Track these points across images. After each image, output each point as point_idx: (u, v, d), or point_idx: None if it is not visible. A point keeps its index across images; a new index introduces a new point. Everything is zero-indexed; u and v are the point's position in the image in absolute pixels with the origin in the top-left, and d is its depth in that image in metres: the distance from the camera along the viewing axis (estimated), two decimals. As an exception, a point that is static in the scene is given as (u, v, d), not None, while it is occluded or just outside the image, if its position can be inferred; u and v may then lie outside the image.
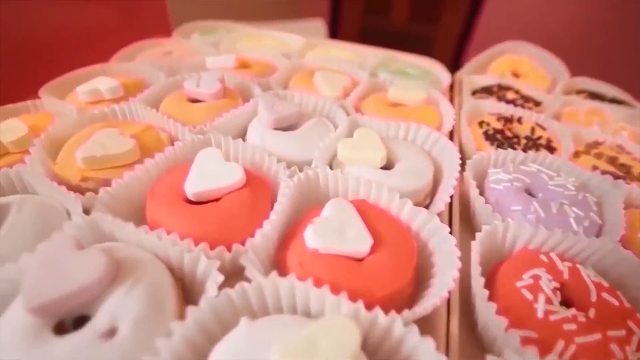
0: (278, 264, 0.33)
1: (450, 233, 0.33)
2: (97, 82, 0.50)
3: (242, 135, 0.48)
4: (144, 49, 0.70)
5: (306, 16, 2.45)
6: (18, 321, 0.25)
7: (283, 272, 0.31)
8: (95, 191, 0.36)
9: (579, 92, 0.68)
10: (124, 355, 0.24)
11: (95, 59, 0.70)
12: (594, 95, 0.65)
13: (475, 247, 0.33)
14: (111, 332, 0.25)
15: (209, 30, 0.82)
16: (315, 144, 0.43)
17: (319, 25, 1.90)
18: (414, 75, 0.66)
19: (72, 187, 0.37)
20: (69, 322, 0.27)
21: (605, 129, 0.55)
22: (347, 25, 2.59)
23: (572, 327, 0.27)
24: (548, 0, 2.00)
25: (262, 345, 0.24)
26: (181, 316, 0.28)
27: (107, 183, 0.37)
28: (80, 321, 0.26)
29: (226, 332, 0.27)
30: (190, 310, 0.25)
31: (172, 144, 0.43)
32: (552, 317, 0.28)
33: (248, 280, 0.28)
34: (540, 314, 0.28)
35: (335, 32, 2.53)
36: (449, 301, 0.33)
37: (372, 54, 0.74)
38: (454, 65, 0.74)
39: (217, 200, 0.35)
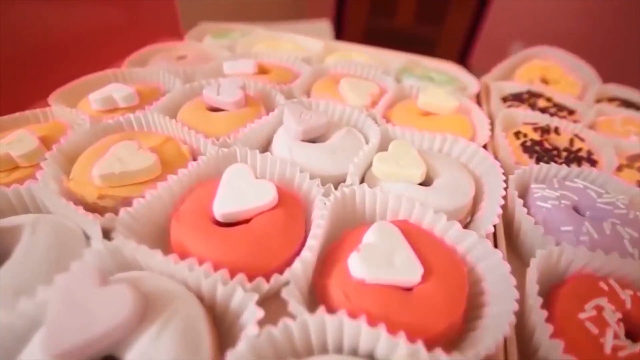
0: (318, 291, 0.30)
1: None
2: (111, 90, 0.48)
3: (267, 146, 0.46)
4: (156, 52, 0.67)
5: (312, 17, 2.43)
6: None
7: (325, 302, 0.29)
8: (114, 210, 0.34)
9: (611, 99, 0.65)
10: (158, 408, 0.21)
11: (105, 62, 0.67)
12: (628, 103, 0.62)
13: (532, 275, 0.30)
14: (143, 379, 0.22)
15: (222, 33, 0.80)
16: (347, 157, 0.41)
17: (325, 26, 1.87)
18: (439, 82, 0.63)
19: (88, 205, 0.35)
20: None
21: (644, 139, 0.52)
22: (352, 26, 2.57)
23: (645, 366, 0.25)
24: (554, 1, 1.98)
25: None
26: (215, 352, 0.25)
27: (125, 201, 0.35)
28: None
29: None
30: (231, 353, 0.23)
31: (194, 158, 0.41)
32: (620, 354, 0.26)
33: (280, 305, 0.25)
34: (607, 350, 0.26)
35: (340, 32, 2.51)
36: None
37: (393, 59, 0.71)
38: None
39: (247, 221, 0.32)
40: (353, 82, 0.54)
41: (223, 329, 0.28)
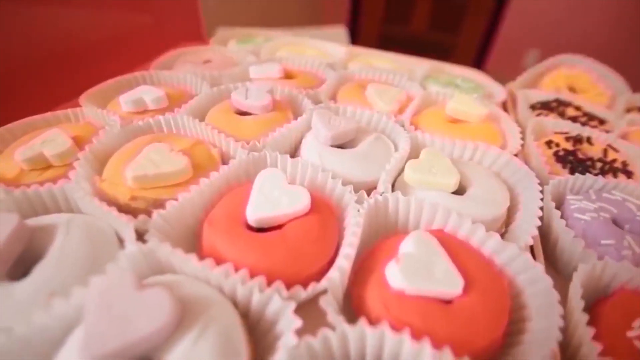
0: (354, 301, 0.29)
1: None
2: (141, 92, 0.48)
3: (294, 151, 0.45)
4: (182, 56, 0.67)
5: (327, 23, 2.44)
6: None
7: (362, 312, 0.28)
8: (145, 212, 0.34)
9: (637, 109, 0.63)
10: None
11: (129, 65, 0.68)
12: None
13: (576, 290, 0.29)
14: (182, 387, 0.21)
15: (246, 38, 0.80)
16: (377, 163, 0.40)
17: (341, 32, 1.87)
18: (465, 89, 0.62)
19: (120, 206, 0.34)
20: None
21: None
22: (366, 33, 2.57)
23: None
24: (571, 8, 1.95)
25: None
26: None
27: (156, 203, 0.35)
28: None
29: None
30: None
31: (223, 161, 0.40)
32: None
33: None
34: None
35: (355, 39, 2.52)
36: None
37: (416, 64, 0.70)
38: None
39: (279, 227, 0.32)
40: (380, 88, 0.54)
41: (256, 337, 0.28)
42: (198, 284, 0.27)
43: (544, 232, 0.39)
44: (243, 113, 0.47)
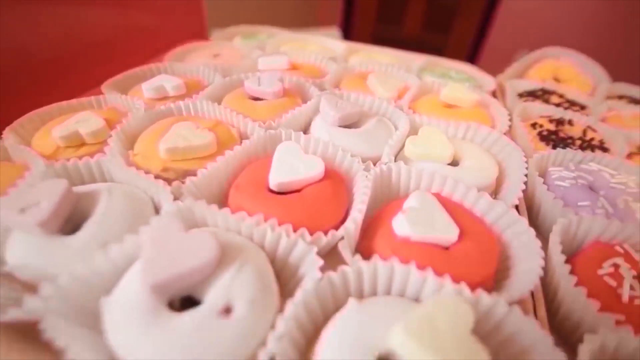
0: (364, 254, 0.34)
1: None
2: (161, 80, 0.52)
3: (305, 132, 0.50)
4: (192, 50, 0.72)
5: (321, 24, 2.49)
6: (134, 299, 0.26)
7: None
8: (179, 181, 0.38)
9: (620, 97, 0.69)
10: (243, 331, 0.24)
11: (135, 62, 0.72)
12: (636, 101, 0.66)
13: (555, 237, 0.34)
14: (227, 311, 0.25)
15: (250, 34, 0.84)
16: (380, 141, 0.45)
17: (334, 34, 1.93)
18: (458, 79, 0.67)
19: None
20: (176, 303, 0.28)
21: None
22: (359, 34, 2.62)
23: (657, 310, 0.28)
24: (560, 9, 2.01)
25: (375, 324, 0.25)
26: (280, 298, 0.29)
27: (185, 173, 0.39)
28: (185, 303, 0.27)
29: (326, 314, 0.28)
30: (299, 290, 0.26)
31: (241, 139, 0.45)
32: (637, 302, 0.29)
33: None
34: (625, 299, 0.29)
35: (348, 40, 2.57)
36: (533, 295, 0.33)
37: (413, 58, 0.75)
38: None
39: (298, 191, 0.36)
40: (381, 77, 0.58)
41: (281, 284, 0.32)
42: (231, 234, 0.31)
43: (529, 201, 0.44)
44: (255, 99, 0.52)
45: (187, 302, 0.27)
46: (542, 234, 0.42)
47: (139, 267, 0.27)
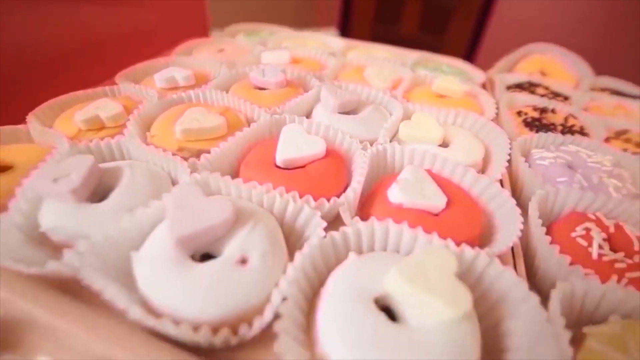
0: (360, 218, 0.37)
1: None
2: (172, 71, 0.56)
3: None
4: (198, 46, 0.75)
5: (319, 24, 2.54)
6: (161, 252, 0.29)
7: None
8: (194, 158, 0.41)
9: (603, 90, 0.73)
10: (257, 278, 0.28)
11: (144, 57, 0.76)
12: (618, 93, 0.71)
13: (533, 205, 0.37)
14: (243, 261, 0.29)
15: (252, 32, 0.88)
16: (376, 126, 0.48)
17: (332, 34, 1.97)
18: (449, 73, 0.71)
19: (168, 157, 0.42)
20: (197, 259, 0.31)
21: (631, 121, 0.60)
22: (357, 34, 2.67)
23: (622, 265, 0.32)
24: (554, 11, 2.06)
25: (372, 273, 0.28)
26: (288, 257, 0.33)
27: (198, 153, 0.42)
28: (204, 259, 0.31)
29: (329, 268, 0.31)
30: (306, 245, 0.30)
31: (248, 124, 0.48)
32: (604, 258, 0.33)
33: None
34: (594, 256, 0.33)
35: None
36: (512, 251, 0.37)
37: (408, 54, 0.80)
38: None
39: (302, 167, 0.40)
40: (376, 69, 0.62)
41: (289, 246, 0.35)
42: (243, 201, 0.35)
43: (513, 179, 0.48)
44: (260, 89, 0.55)
45: (206, 258, 0.31)
46: (524, 207, 0.46)
47: (165, 225, 0.30)
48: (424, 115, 0.49)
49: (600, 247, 0.34)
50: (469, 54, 2.60)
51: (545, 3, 2.12)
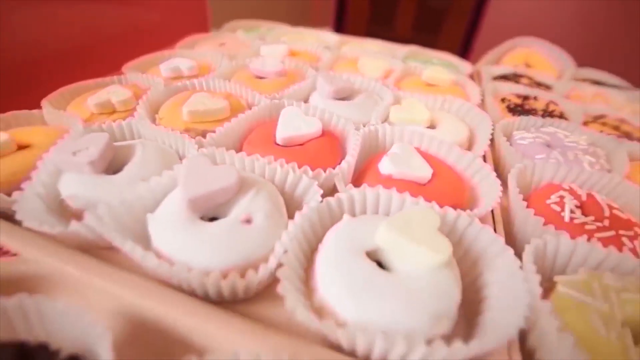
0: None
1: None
2: (177, 62, 0.59)
3: (304, 104, 0.57)
4: (201, 40, 0.79)
5: (314, 25, 2.57)
6: (175, 213, 0.32)
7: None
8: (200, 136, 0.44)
9: (584, 80, 0.77)
10: (261, 235, 0.31)
11: (145, 52, 0.79)
12: (598, 83, 0.75)
13: (512, 177, 0.41)
14: (248, 221, 0.32)
15: (251, 28, 0.92)
16: (369, 110, 0.52)
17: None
18: (438, 65, 0.75)
19: (175, 138, 0.45)
20: (205, 220, 0.35)
21: (609, 108, 0.64)
22: (352, 34, 2.71)
23: (592, 227, 0.36)
24: (546, 12, 2.11)
25: (364, 230, 0.32)
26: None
27: (203, 133, 0.46)
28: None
29: (324, 229, 0.34)
30: (305, 207, 0.33)
31: (249, 108, 0.51)
32: (576, 221, 0.36)
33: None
34: (567, 219, 0.36)
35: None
36: (493, 217, 0.41)
37: (399, 49, 0.83)
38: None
39: (300, 145, 0.43)
40: (369, 60, 0.66)
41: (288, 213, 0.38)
42: (246, 172, 0.38)
43: (496, 159, 0.51)
44: (260, 78, 0.59)
45: (213, 221, 0.34)
46: (505, 182, 0.49)
47: (177, 191, 0.34)
48: (413, 100, 0.52)
49: (572, 212, 0.38)
50: (463, 54, 2.65)
51: (537, 3, 2.17)
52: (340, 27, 2.64)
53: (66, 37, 0.74)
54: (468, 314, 0.31)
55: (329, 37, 0.88)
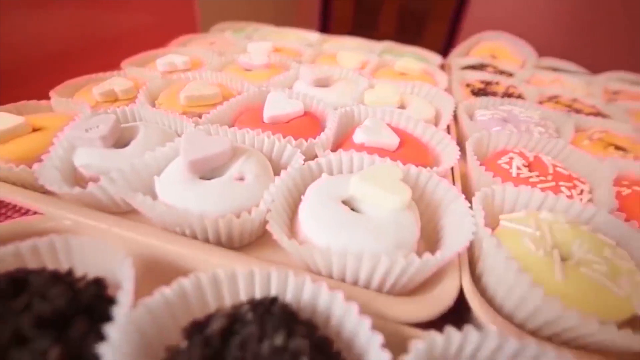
0: (334, 158, 0.47)
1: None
2: (172, 58, 0.65)
3: (288, 92, 0.63)
4: (191, 40, 0.85)
5: (299, 28, 2.63)
6: (178, 173, 0.38)
7: (339, 162, 0.45)
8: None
9: (546, 68, 0.85)
10: (252, 190, 0.37)
11: (139, 52, 0.84)
12: (556, 70, 0.82)
13: (469, 144, 0.47)
14: (241, 179, 0.38)
15: (239, 29, 0.98)
16: (346, 95, 0.58)
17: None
18: (410, 57, 0.81)
19: (173, 121, 0.51)
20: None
21: (564, 90, 0.71)
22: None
23: (535, 180, 0.42)
24: (521, 13, 2.20)
25: (338, 184, 0.37)
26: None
27: (199, 116, 0.51)
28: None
29: (306, 187, 0.40)
30: (289, 168, 0.39)
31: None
32: (521, 175, 0.43)
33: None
34: (514, 174, 0.43)
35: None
36: (453, 179, 0.47)
37: (376, 45, 0.90)
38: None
39: (286, 123, 0.49)
40: (347, 54, 0.73)
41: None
42: (237, 143, 0.44)
43: (459, 136, 0.58)
44: (247, 71, 0.65)
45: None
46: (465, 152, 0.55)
47: (179, 157, 0.39)
48: (385, 84, 0.59)
49: (519, 168, 0.44)
50: (444, 56, 2.73)
51: (515, 3, 2.26)
52: (325, 30, 2.72)
53: (66, 38, 0.80)
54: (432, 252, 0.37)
55: (311, 36, 0.94)
